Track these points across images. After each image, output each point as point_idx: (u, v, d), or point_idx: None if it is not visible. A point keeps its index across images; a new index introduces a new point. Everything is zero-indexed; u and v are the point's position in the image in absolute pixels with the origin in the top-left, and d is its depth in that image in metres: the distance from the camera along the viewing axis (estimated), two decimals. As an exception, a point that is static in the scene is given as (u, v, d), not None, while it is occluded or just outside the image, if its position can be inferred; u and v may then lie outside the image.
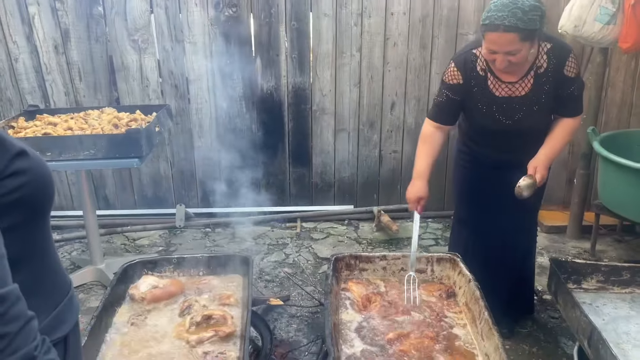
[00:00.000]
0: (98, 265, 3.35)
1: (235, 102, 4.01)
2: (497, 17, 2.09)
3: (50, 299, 1.10)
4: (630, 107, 4.08)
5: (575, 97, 2.40)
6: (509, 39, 2.11)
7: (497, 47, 2.15)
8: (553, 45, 2.31)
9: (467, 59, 2.39)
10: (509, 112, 2.40)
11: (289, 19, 3.84)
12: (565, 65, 2.31)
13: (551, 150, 2.40)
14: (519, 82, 2.36)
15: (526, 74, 2.34)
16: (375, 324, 2.18)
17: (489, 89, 2.39)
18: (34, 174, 0.99)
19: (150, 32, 3.82)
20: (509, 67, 2.24)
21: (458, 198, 2.86)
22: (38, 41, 3.75)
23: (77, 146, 2.77)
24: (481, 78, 2.39)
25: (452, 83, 2.43)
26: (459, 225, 2.84)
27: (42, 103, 3.86)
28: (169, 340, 2.13)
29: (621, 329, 2.21)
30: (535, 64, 2.32)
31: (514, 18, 2.07)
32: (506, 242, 2.63)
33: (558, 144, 2.42)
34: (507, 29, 2.09)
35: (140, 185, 4.21)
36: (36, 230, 1.05)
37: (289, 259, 3.63)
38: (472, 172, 2.66)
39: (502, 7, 2.09)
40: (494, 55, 2.20)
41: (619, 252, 3.65)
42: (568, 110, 2.42)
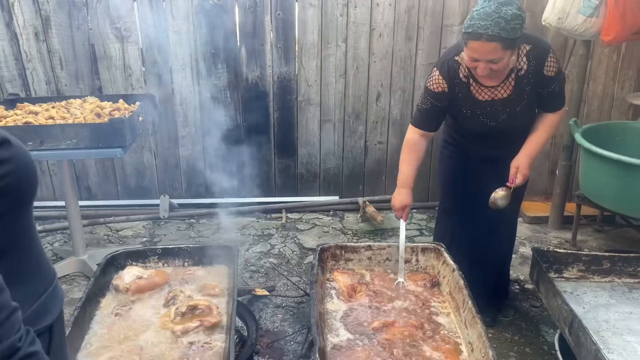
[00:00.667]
0: (81, 256, 3.31)
1: (220, 92, 3.98)
2: (480, 26, 2.10)
3: (33, 289, 1.09)
4: (612, 100, 4.14)
5: (557, 93, 2.42)
6: (492, 48, 2.13)
7: (480, 55, 2.17)
8: (532, 46, 2.33)
9: (450, 67, 2.40)
10: (493, 114, 2.44)
11: (274, 8, 3.81)
12: (544, 66, 2.33)
13: (533, 148, 2.44)
14: (501, 86, 2.39)
15: (507, 77, 2.37)
16: (361, 313, 2.19)
17: (472, 94, 2.42)
18: (17, 163, 0.97)
19: (134, 20, 3.76)
20: (491, 74, 2.27)
21: (443, 188, 2.88)
22: (18, 28, 3.67)
23: (58, 135, 2.73)
24: (464, 84, 2.41)
25: (437, 91, 2.44)
26: (445, 216, 2.87)
27: (23, 92, 3.79)
28: (153, 330, 2.12)
29: (601, 317, 2.26)
30: (515, 67, 2.34)
31: (497, 27, 2.08)
32: (491, 232, 2.66)
33: (540, 141, 2.45)
34: (489, 38, 2.10)
35: (124, 176, 4.17)
36: (19, 220, 1.03)
37: (274, 250, 3.63)
38: (459, 163, 2.68)
39: (485, 16, 2.09)
40: (475, 63, 2.22)
41: (599, 242, 3.72)
42: (550, 106, 2.45)
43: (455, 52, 2.41)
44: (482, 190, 2.51)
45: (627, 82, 4.08)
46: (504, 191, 2.42)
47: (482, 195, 2.52)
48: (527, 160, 2.42)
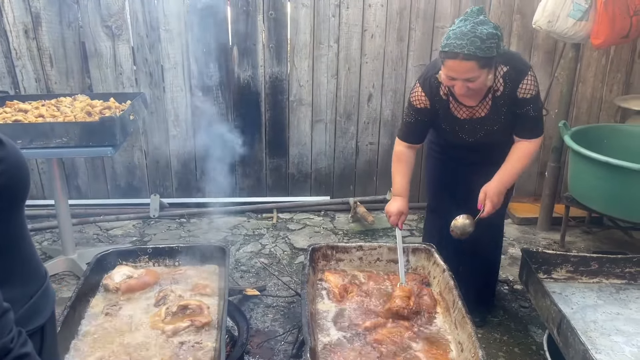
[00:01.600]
0: (70, 255, 3.29)
1: (212, 91, 3.97)
2: (456, 45, 2.13)
3: (25, 289, 1.08)
4: (600, 102, 4.19)
5: (531, 117, 2.39)
6: (468, 67, 2.15)
7: (456, 74, 2.20)
8: (509, 67, 2.34)
9: (432, 84, 2.43)
10: (471, 132, 2.48)
11: (266, 8, 3.81)
12: (518, 88, 2.34)
13: (506, 176, 2.42)
14: (479, 105, 2.42)
15: (484, 97, 2.40)
16: (352, 313, 2.20)
17: (452, 112, 2.47)
18: (9, 163, 0.97)
19: (125, 19, 3.74)
20: (468, 92, 2.29)
21: (429, 188, 2.93)
22: (8, 25, 3.64)
23: (48, 134, 2.71)
24: (444, 102, 2.45)
25: (420, 107, 2.49)
26: (432, 215, 2.90)
27: (12, 89, 3.76)
28: (144, 330, 2.11)
29: (589, 317, 2.28)
30: (492, 88, 2.37)
31: (472, 47, 2.11)
32: (477, 233, 2.65)
33: (513, 171, 2.42)
34: (465, 57, 2.13)
35: (114, 175, 4.14)
36: (11, 220, 1.02)
37: (265, 250, 3.63)
38: (443, 163, 2.73)
39: (461, 36, 2.12)
40: (453, 82, 2.25)
41: (587, 243, 3.76)
42: (525, 131, 2.42)
43: (435, 70, 2.43)
44: (467, 191, 2.53)
45: (615, 85, 4.13)
46: (465, 219, 2.38)
47: (467, 196, 2.54)
48: (498, 187, 2.39)
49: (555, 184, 3.84)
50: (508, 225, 4.03)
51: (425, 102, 2.46)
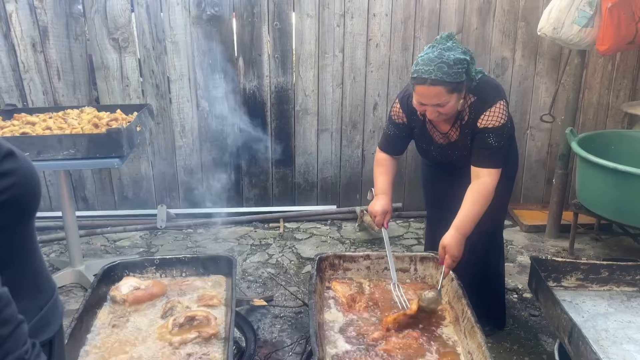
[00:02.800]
0: (77, 267, 3.30)
1: (218, 102, 3.99)
2: (424, 71, 2.15)
3: (35, 301, 1.08)
4: (607, 109, 4.17)
5: (488, 145, 2.31)
6: (436, 92, 2.18)
7: (426, 99, 2.22)
8: (477, 99, 2.34)
9: (409, 103, 2.44)
10: (445, 154, 2.54)
11: (271, 18, 3.83)
12: (479, 119, 2.33)
13: (463, 224, 2.28)
14: (449, 131, 2.46)
15: (453, 124, 2.43)
16: (360, 323, 2.18)
17: (428, 132, 2.51)
18: (21, 175, 0.97)
19: (131, 31, 3.78)
20: (440, 117, 2.32)
21: (425, 198, 2.97)
22: (15, 39, 3.68)
23: (56, 146, 2.73)
24: (420, 122, 2.49)
25: (398, 122, 2.54)
26: (430, 224, 2.95)
27: (20, 102, 3.79)
28: (151, 341, 2.10)
29: (600, 325, 2.25)
30: (460, 115, 2.39)
31: (439, 72, 2.13)
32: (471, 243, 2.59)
33: (470, 216, 2.28)
34: (433, 82, 2.15)
35: (121, 186, 4.16)
36: (23, 232, 1.02)
37: (272, 259, 3.62)
38: (434, 172, 2.77)
39: (428, 62, 2.15)
40: (423, 107, 2.27)
41: (597, 250, 3.72)
42: (480, 160, 2.34)
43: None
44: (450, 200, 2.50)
45: (622, 91, 4.11)
46: (430, 294, 2.19)
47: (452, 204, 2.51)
48: (456, 238, 2.26)
49: (563, 191, 3.82)
50: (516, 232, 4.01)
51: (402, 118, 2.52)
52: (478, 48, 3.96)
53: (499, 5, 3.93)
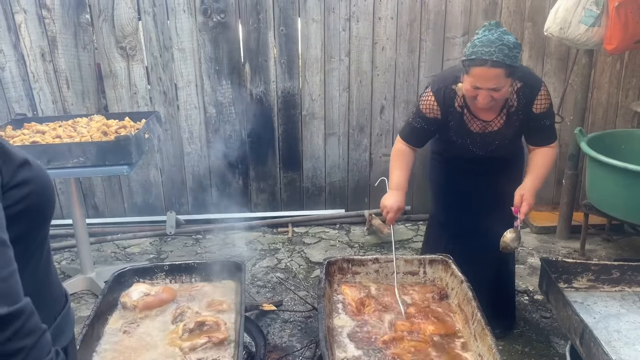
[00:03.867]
0: (88, 274, 3.32)
1: (225, 108, 4.01)
2: (484, 52, 2.12)
3: (49, 311, 1.08)
4: (616, 108, 4.14)
5: (547, 127, 2.45)
6: (496, 74, 2.14)
7: (483, 82, 2.18)
8: (523, 84, 2.36)
9: (447, 95, 2.41)
10: (483, 145, 2.48)
11: (277, 24, 3.85)
12: (533, 104, 2.37)
13: (536, 179, 2.43)
14: (493, 120, 2.43)
15: (499, 112, 2.41)
16: (369, 327, 2.17)
17: (465, 124, 2.45)
18: (37, 184, 0.96)
19: (138, 39, 3.81)
20: (490, 103, 2.27)
21: (435, 200, 2.87)
22: (25, 49, 3.72)
23: (66, 154, 2.75)
24: (458, 113, 2.44)
25: (430, 117, 2.47)
26: (438, 228, 2.83)
27: (30, 112, 3.83)
28: (161, 347, 2.11)
29: (612, 327, 2.23)
30: (507, 103, 2.38)
31: (500, 54, 2.11)
32: (483, 243, 2.60)
33: (542, 173, 2.45)
34: (494, 64, 2.12)
35: (130, 193, 4.18)
36: (38, 241, 1.02)
37: (281, 264, 3.62)
38: (446, 173, 2.70)
39: (489, 43, 2.12)
40: (477, 91, 2.22)
41: (608, 251, 3.69)
42: (543, 140, 2.48)
43: (452, 80, 2.41)
44: (469, 202, 2.50)
45: (631, 90, 4.08)
46: (513, 233, 2.40)
47: (474, 206, 2.51)
48: (532, 189, 2.40)
49: (573, 191, 3.79)
50: (527, 234, 3.98)
51: (436, 112, 2.44)
52: (484, 49, 3.94)
53: (504, 6, 3.92)
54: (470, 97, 2.31)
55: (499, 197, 2.51)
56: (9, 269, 0.84)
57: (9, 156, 0.91)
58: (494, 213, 2.54)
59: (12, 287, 0.84)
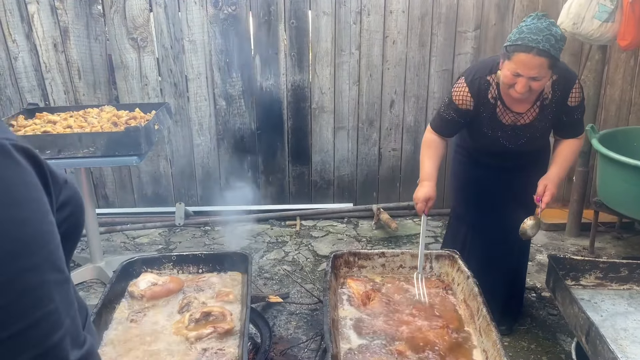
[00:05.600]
0: (98, 263, 3.35)
1: (235, 100, 4.02)
2: (532, 39, 2.10)
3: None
4: (630, 105, 4.09)
5: (578, 120, 2.48)
6: (540, 63, 2.13)
7: (525, 69, 2.15)
8: (559, 76, 2.34)
9: (481, 87, 2.40)
10: (513, 137, 2.46)
11: (287, 17, 3.84)
12: (569, 97, 2.37)
13: (561, 169, 2.45)
14: (526, 112, 2.41)
15: (533, 105, 2.39)
16: (374, 320, 2.18)
17: (497, 116, 2.43)
18: (75, 203, 0.92)
19: (150, 31, 3.82)
20: (526, 94, 2.24)
21: (455, 194, 2.87)
22: (37, 40, 3.75)
23: (76, 144, 2.78)
24: (491, 105, 2.42)
25: (462, 108, 2.44)
26: (457, 222, 2.84)
27: (42, 101, 3.86)
28: (167, 336, 2.13)
29: (619, 325, 2.22)
30: (542, 95, 2.37)
31: (547, 43, 2.10)
32: (505, 239, 2.62)
33: (566, 164, 2.47)
34: (539, 53, 2.11)
35: (140, 184, 4.22)
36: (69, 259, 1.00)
37: (288, 257, 3.64)
38: (470, 169, 2.68)
39: (537, 31, 2.11)
40: (516, 79, 2.19)
41: (618, 249, 3.66)
42: (572, 133, 2.49)
43: (487, 71, 2.40)
44: (493, 198, 2.50)
45: (645, 87, 4.03)
46: (533, 220, 2.41)
47: (496, 202, 2.51)
48: (556, 179, 2.41)
49: (584, 188, 3.76)
50: (535, 231, 3.95)
51: (469, 104, 2.42)
52: (497, 44, 3.91)
53: (517, 1, 3.88)
54: (507, 85, 2.27)
55: (522, 194, 2.50)
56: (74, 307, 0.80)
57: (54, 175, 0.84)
58: (516, 209, 2.53)
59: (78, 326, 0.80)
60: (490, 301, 2.17)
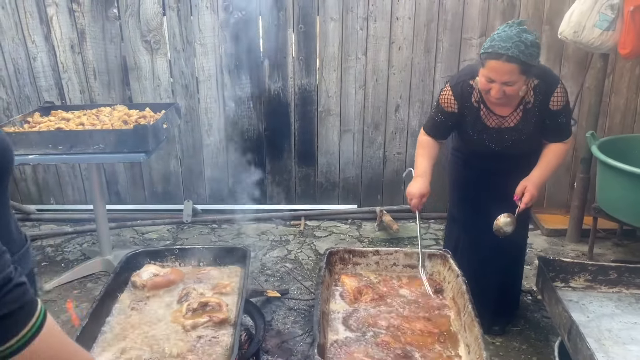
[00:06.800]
0: (106, 256, 3.48)
1: (244, 102, 4.13)
2: (501, 47, 2.20)
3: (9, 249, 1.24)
4: (635, 113, 4.11)
5: (563, 124, 2.51)
6: (510, 69, 2.22)
7: (497, 75, 2.25)
8: (540, 81, 2.42)
9: (464, 89, 2.50)
10: (499, 140, 2.54)
11: (296, 22, 3.95)
12: (550, 101, 2.43)
13: (543, 172, 2.50)
14: (509, 116, 2.49)
15: (516, 109, 2.47)
16: (364, 314, 2.25)
17: (481, 119, 2.52)
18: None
19: (163, 34, 3.96)
20: (503, 99, 2.34)
21: (450, 195, 2.95)
22: (55, 41, 3.92)
23: (87, 140, 2.91)
24: (474, 109, 2.51)
25: (448, 110, 2.56)
26: (452, 223, 2.93)
27: (59, 100, 4.02)
28: (165, 324, 2.23)
29: (604, 325, 2.26)
30: (524, 100, 2.44)
31: (517, 50, 2.18)
32: (495, 243, 2.66)
33: (550, 167, 2.52)
34: (509, 59, 2.20)
35: (151, 181, 4.35)
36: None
37: (290, 255, 3.73)
38: (464, 171, 2.75)
39: (506, 39, 2.20)
40: (490, 85, 2.30)
41: (618, 255, 3.67)
42: (558, 137, 2.54)
43: (470, 75, 2.50)
44: (484, 200, 2.56)
45: (649, 95, 4.04)
46: (507, 217, 2.46)
47: (488, 205, 2.57)
48: (537, 181, 2.46)
49: (585, 195, 3.79)
50: (537, 236, 3.99)
51: (453, 106, 2.53)
52: (501, 51, 3.96)
53: (523, 9, 3.94)
54: (484, 91, 2.38)
55: (511, 197, 2.54)
56: None
57: None
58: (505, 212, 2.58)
59: None
60: (482, 301, 2.24)
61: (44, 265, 3.64)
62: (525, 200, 2.43)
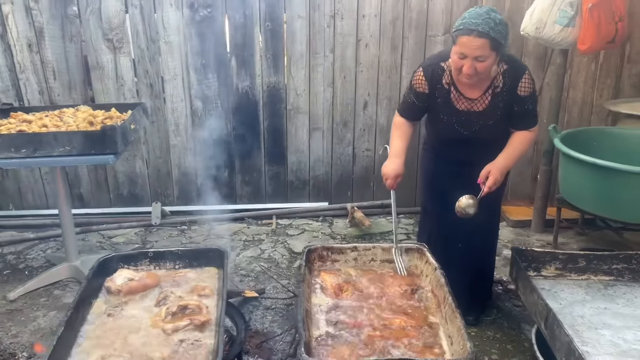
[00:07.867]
0: (73, 262, 3.37)
1: (211, 101, 4.08)
2: (472, 23, 2.31)
3: None
4: (591, 107, 4.27)
5: (529, 112, 2.59)
6: (481, 44, 2.31)
7: (469, 50, 2.33)
8: (509, 67, 2.52)
9: (435, 71, 2.58)
10: (467, 124, 2.61)
11: (263, 19, 3.92)
12: (518, 87, 2.52)
13: (508, 158, 2.57)
14: (478, 99, 2.57)
15: (485, 92, 2.55)
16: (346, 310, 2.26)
17: (451, 102, 2.60)
18: None
19: (125, 32, 3.86)
20: (474, 77, 2.41)
21: (423, 188, 3.04)
22: (12, 40, 3.76)
23: (52, 143, 2.80)
24: (445, 91, 2.58)
25: (419, 91, 2.64)
26: (424, 215, 3.02)
27: (16, 102, 3.86)
28: (145, 329, 2.17)
29: (577, 312, 2.35)
30: (493, 83, 2.53)
31: (487, 26, 2.29)
32: (467, 234, 2.73)
33: (515, 153, 2.60)
34: (479, 34, 2.29)
35: (116, 184, 4.23)
36: None
37: (264, 254, 3.70)
38: (435, 164, 2.83)
39: (476, 16, 2.32)
40: (462, 61, 2.38)
41: (581, 244, 3.82)
42: (524, 124, 2.61)
43: (442, 58, 2.59)
44: (453, 192, 2.61)
45: (605, 90, 4.21)
46: (469, 199, 2.51)
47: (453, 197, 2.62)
48: (501, 165, 2.53)
49: (548, 186, 3.92)
50: (502, 227, 4.10)
51: (424, 87, 2.61)
52: (465, 48, 4.05)
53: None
54: (456, 69, 2.45)
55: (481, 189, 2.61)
56: None
57: None
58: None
59: None
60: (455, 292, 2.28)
61: (6, 273, 3.50)
62: (488, 184, 2.48)
